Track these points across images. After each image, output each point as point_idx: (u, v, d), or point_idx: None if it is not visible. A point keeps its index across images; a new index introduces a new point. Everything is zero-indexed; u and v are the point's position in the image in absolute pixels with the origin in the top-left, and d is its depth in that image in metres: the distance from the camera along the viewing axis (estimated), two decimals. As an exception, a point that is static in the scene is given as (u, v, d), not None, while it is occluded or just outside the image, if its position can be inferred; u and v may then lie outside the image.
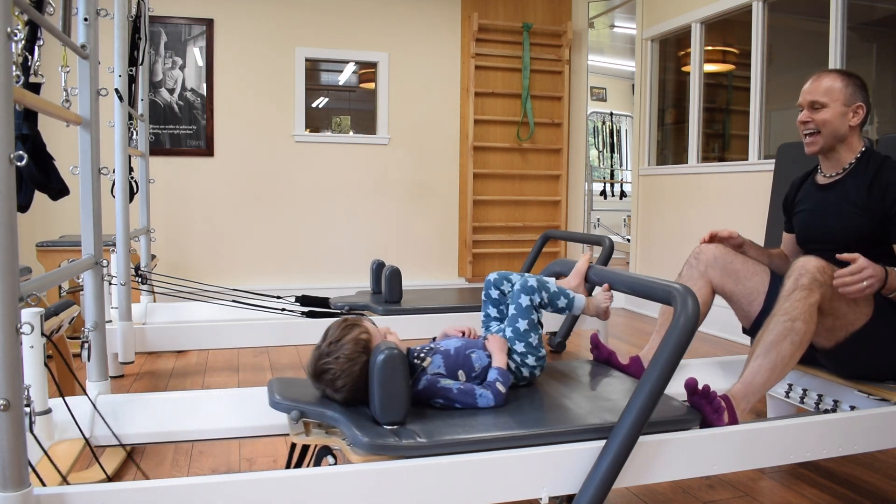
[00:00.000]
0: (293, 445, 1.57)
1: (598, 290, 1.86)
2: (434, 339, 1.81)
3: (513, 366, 1.70)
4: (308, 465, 1.59)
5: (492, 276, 1.87)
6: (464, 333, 1.80)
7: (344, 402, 1.49)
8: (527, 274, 1.82)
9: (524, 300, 1.71)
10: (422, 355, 1.61)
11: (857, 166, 2.00)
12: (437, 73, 5.44)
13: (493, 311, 1.86)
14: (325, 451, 1.50)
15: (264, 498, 1.29)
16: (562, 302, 1.75)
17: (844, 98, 1.96)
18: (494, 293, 1.85)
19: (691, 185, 4.50)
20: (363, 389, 1.47)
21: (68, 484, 1.43)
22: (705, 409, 1.62)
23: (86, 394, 1.79)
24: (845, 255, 1.76)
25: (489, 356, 1.67)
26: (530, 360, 1.71)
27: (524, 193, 5.68)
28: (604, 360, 1.99)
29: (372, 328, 1.56)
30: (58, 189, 1.88)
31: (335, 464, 1.46)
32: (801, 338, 1.76)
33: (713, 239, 2.12)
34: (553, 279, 1.84)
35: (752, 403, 1.77)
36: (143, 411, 1.83)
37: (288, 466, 1.60)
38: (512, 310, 1.74)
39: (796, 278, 1.77)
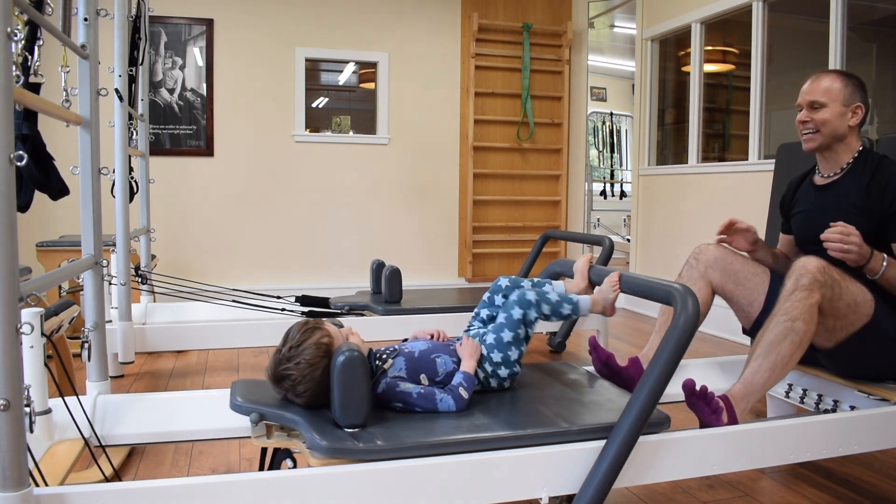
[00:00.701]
0: (263, 449, 1.54)
1: (605, 281, 1.80)
2: (405, 340, 1.78)
3: (482, 374, 1.65)
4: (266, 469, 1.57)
5: (503, 282, 1.83)
6: (432, 336, 1.76)
7: (305, 405, 1.47)
8: (531, 283, 1.79)
9: (516, 312, 1.67)
10: (383, 357, 1.58)
11: (854, 166, 2.00)
12: (437, 73, 5.44)
13: (485, 314, 1.82)
14: (285, 454, 1.47)
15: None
16: (566, 309, 1.72)
17: (844, 98, 1.96)
18: (498, 299, 1.82)
19: (691, 185, 4.50)
20: (325, 393, 1.44)
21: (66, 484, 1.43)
22: (703, 410, 1.62)
23: (75, 395, 1.79)
24: (840, 225, 1.79)
25: (455, 361, 1.63)
26: (502, 372, 1.66)
27: (524, 193, 5.68)
28: (602, 362, 1.98)
29: (334, 331, 1.52)
30: (58, 189, 1.88)
31: (294, 467, 1.43)
32: (801, 338, 1.76)
33: (730, 227, 2.08)
34: (554, 286, 1.82)
35: (751, 403, 1.77)
36: (143, 411, 1.83)
37: (261, 469, 1.57)
38: (501, 318, 1.69)
39: (797, 278, 1.77)
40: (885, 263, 1.82)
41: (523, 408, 1.60)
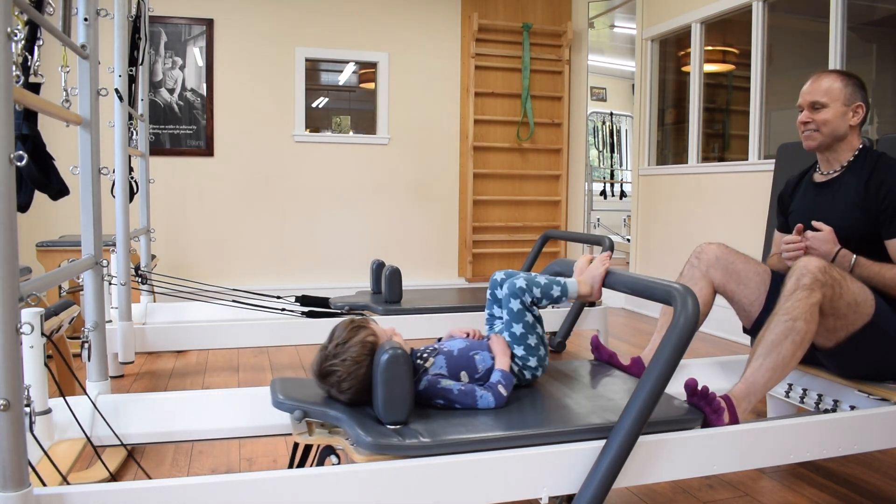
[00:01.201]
0: (295, 445, 1.57)
1: (596, 259, 1.79)
2: (440, 339, 1.81)
3: (515, 369, 1.69)
4: (312, 465, 1.59)
5: (497, 276, 1.85)
6: (468, 335, 1.80)
7: (349, 402, 1.50)
8: (523, 273, 1.80)
9: (514, 304, 1.70)
10: (424, 356, 1.61)
11: (854, 163, 2.00)
12: (437, 73, 5.44)
13: (497, 311, 1.85)
14: (329, 450, 1.50)
15: (265, 498, 1.29)
16: (556, 291, 1.73)
17: (844, 98, 1.96)
18: (499, 293, 1.84)
19: (691, 185, 4.50)
20: (367, 391, 1.47)
21: (68, 483, 1.43)
22: (704, 409, 1.62)
23: (84, 393, 1.79)
24: (818, 224, 1.90)
25: (493, 357, 1.67)
26: (531, 363, 1.70)
27: (524, 193, 5.68)
28: (605, 361, 1.99)
29: (378, 330, 1.55)
30: (58, 189, 1.88)
31: (339, 463, 1.46)
32: (802, 337, 1.76)
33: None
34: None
35: (753, 403, 1.77)
36: (143, 411, 1.83)
37: (291, 466, 1.60)
38: (505, 314, 1.73)
39: (798, 278, 1.77)
40: (852, 262, 1.89)
41: (526, 407, 1.61)
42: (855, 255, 1.90)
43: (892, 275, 1.87)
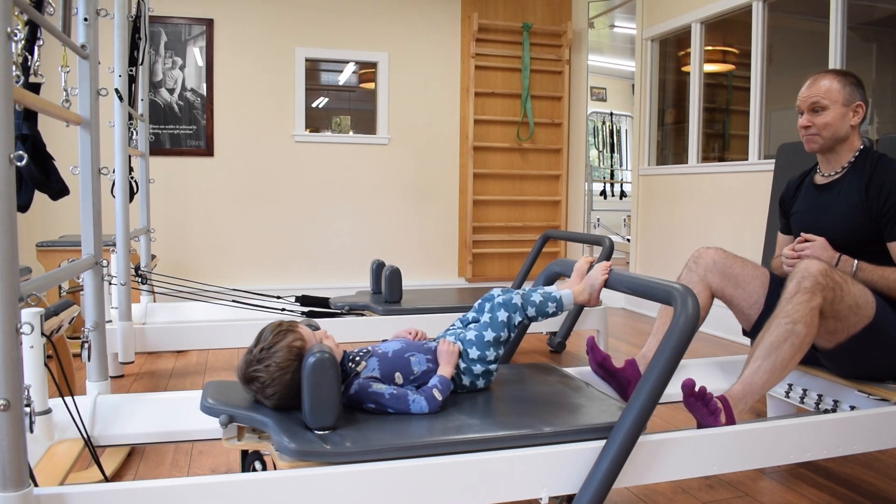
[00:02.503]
0: (244, 451, 1.52)
1: (595, 267, 1.79)
2: (384, 341, 1.76)
3: (461, 367, 1.64)
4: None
5: (495, 293, 1.78)
6: (412, 334, 1.76)
7: (274, 408, 1.46)
8: (520, 291, 1.78)
9: (502, 314, 1.67)
10: (356, 359, 1.57)
11: (854, 165, 2.00)
12: (437, 73, 5.44)
13: (472, 317, 1.79)
14: (255, 456, 1.46)
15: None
16: (551, 308, 1.71)
17: (844, 98, 1.96)
18: (488, 307, 1.76)
19: (691, 185, 4.50)
20: (295, 396, 1.42)
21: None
22: (701, 410, 1.62)
23: (69, 396, 1.79)
24: (807, 235, 1.93)
25: (430, 360, 1.62)
26: (476, 369, 1.65)
27: (524, 193, 5.68)
28: (598, 363, 1.98)
29: (307, 334, 1.50)
30: (58, 189, 1.88)
31: (263, 469, 1.42)
32: (801, 340, 1.76)
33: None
34: (539, 288, 1.81)
35: (750, 405, 1.77)
36: (143, 411, 1.83)
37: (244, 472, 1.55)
38: (486, 317, 1.69)
39: (799, 281, 1.77)
40: (854, 267, 1.89)
41: (517, 408, 1.60)
42: (856, 261, 1.89)
43: (895, 277, 1.86)
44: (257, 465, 1.44)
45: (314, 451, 1.32)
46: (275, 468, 1.37)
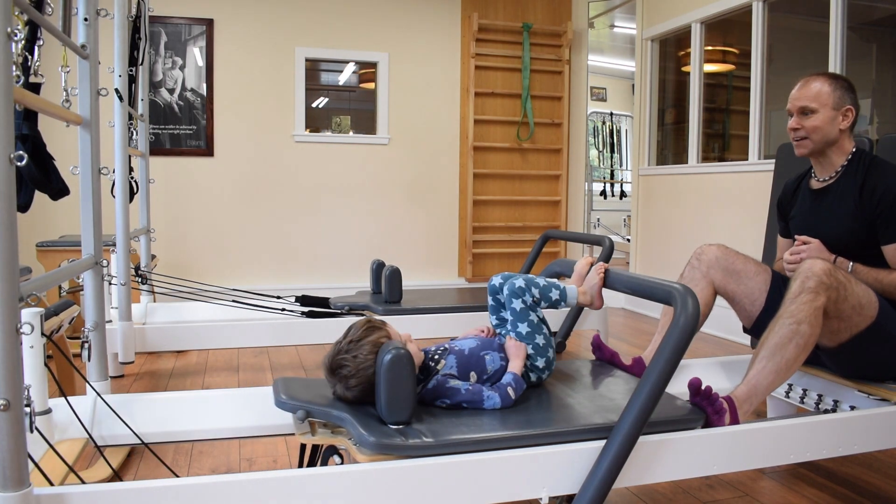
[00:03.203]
0: (303, 446, 1.58)
1: (591, 269, 1.82)
2: (454, 338, 1.81)
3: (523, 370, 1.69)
4: (316, 465, 1.59)
5: (495, 281, 1.83)
6: (483, 331, 1.81)
7: (354, 400, 1.51)
8: (520, 276, 1.80)
9: (516, 304, 1.71)
10: (436, 357, 1.62)
11: (848, 169, 2.00)
12: (437, 73, 5.44)
13: (494, 320, 1.84)
14: (332, 450, 1.50)
15: (266, 498, 1.29)
16: (554, 294, 1.74)
17: (833, 102, 1.96)
18: (495, 300, 1.83)
19: (691, 185, 4.50)
20: (373, 391, 1.47)
21: (81, 480, 1.43)
22: (707, 410, 1.62)
23: (91, 389, 1.79)
24: (802, 237, 1.93)
25: (503, 358, 1.68)
26: (539, 363, 1.71)
27: (524, 193, 5.68)
28: (606, 361, 1.99)
29: (393, 333, 1.57)
30: (58, 189, 1.88)
31: (342, 463, 1.46)
32: (805, 340, 1.76)
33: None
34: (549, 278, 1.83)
35: (755, 405, 1.77)
36: (143, 411, 1.83)
37: (300, 466, 1.60)
38: (509, 315, 1.74)
39: (802, 281, 1.77)
40: (850, 269, 1.89)
41: (516, 408, 1.60)
42: (852, 263, 1.90)
43: (889, 280, 1.87)
44: (336, 458, 1.48)
45: (394, 444, 1.36)
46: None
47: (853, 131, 2.04)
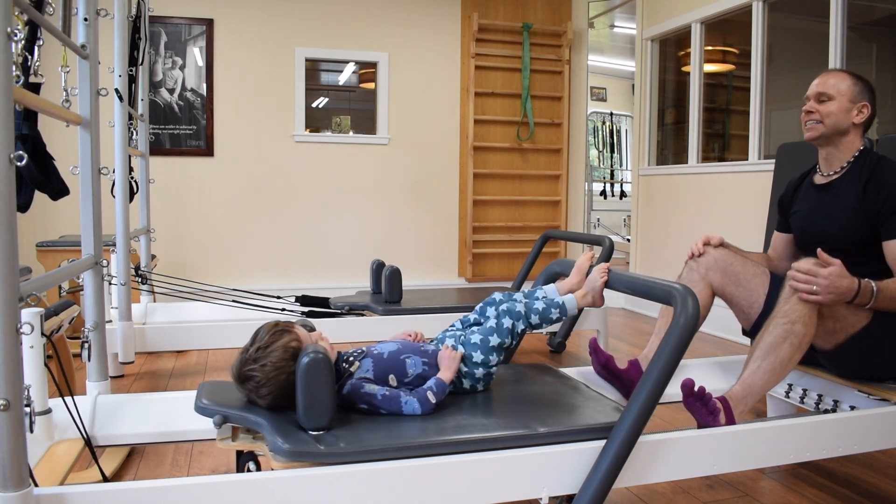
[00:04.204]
0: (238, 452, 1.53)
1: (593, 270, 1.80)
2: (379, 342, 1.75)
3: (462, 370, 1.64)
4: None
5: (497, 297, 1.79)
6: (411, 336, 1.75)
7: (269, 407, 1.45)
8: (522, 295, 1.78)
9: (506, 321, 1.68)
10: (350, 359, 1.57)
11: (854, 166, 2.00)
12: (437, 73, 5.44)
13: (473, 318, 1.79)
14: (250, 456, 1.46)
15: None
16: (554, 314, 1.72)
17: (851, 95, 1.96)
18: (490, 311, 1.77)
19: (691, 185, 4.50)
20: (290, 396, 1.42)
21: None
22: (700, 410, 1.62)
23: (69, 396, 1.78)
24: (824, 256, 1.76)
25: (426, 363, 1.61)
26: (478, 373, 1.65)
27: (524, 193, 5.68)
28: (602, 364, 1.98)
29: (303, 335, 1.51)
30: (58, 189, 1.88)
31: (257, 470, 1.42)
32: (800, 340, 1.76)
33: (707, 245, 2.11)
34: (545, 290, 1.81)
35: (750, 405, 1.77)
36: (143, 411, 1.83)
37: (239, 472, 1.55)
38: (492, 322, 1.69)
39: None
40: (875, 292, 1.76)
41: (516, 408, 1.60)
42: (874, 284, 1.77)
43: None
44: (251, 465, 1.45)
45: (308, 451, 1.32)
46: (269, 468, 1.36)
47: (866, 132, 2.04)
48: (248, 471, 1.44)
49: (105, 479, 1.63)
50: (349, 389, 1.50)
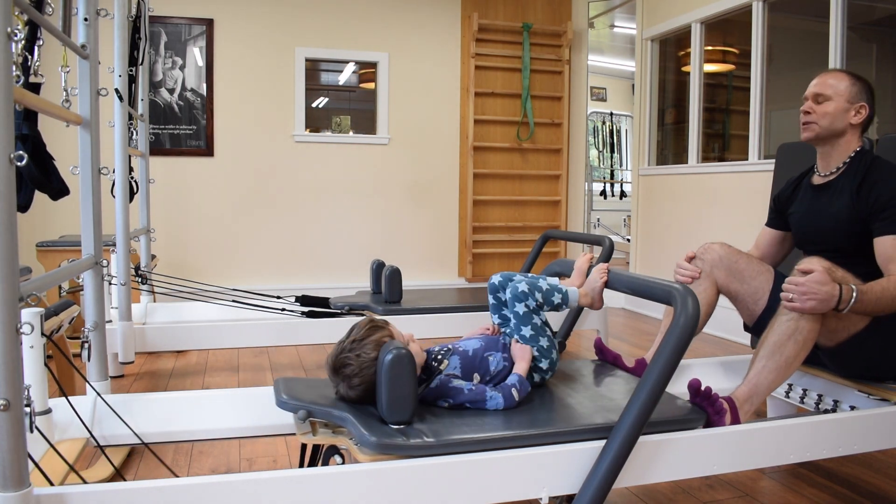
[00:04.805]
0: (304, 446, 1.58)
1: (592, 271, 1.82)
2: (460, 338, 1.81)
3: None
4: (317, 465, 1.59)
5: (495, 279, 1.84)
6: (489, 330, 1.81)
7: (357, 399, 1.51)
8: (521, 276, 1.80)
9: (520, 308, 1.71)
10: (439, 357, 1.62)
11: (850, 167, 1.99)
12: (437, 73, 5.44)
13: (496, 319, 1.84)
14: (333, 450, 1.50)
15: (266, 498, 1.29)
16: (556, 298, 1.75)
17: (849, 95, 1.96)
18: (496, 298, 1.84)
19: (691, 185, 4.50)
20: (374, 392, 1.47)
21: (83, 479, 1.43)
22: (707, 410, 1.62)
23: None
24: (803, 266, 1.75)
25: (506, 358, 1.68)
26: (542, 364, 1.72)
27: (524, 193, 5.68)
28: (609, 363, 1.99)
29: (396, 332, 1.57)
30: (58, 189, 1.88)
31: (343, 463, 1.46)
32: (805, 337, 1.76)
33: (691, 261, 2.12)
34: (548, 280, 1.83)
35: (756, 405, 1.76)
36: (143, 411, 1.83)
37: (301, 466, 1.60)
38: (513, 318, 1.74)
39: None
40: (854, 297, 1.74)
41: (531, 408, 1.60)
42: (855, 288, 1.76)
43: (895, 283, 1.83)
44: (337, 458, 1.48)
45: (394, 444, 1.36)
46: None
47: (864, 132, 2.03)
48: (335, 464, 1.46)
49: (118, 473, 1.63)
50: (437, 384, 1.56)
